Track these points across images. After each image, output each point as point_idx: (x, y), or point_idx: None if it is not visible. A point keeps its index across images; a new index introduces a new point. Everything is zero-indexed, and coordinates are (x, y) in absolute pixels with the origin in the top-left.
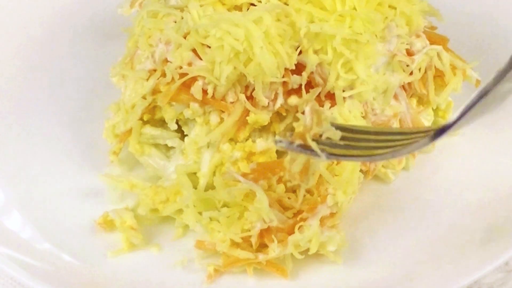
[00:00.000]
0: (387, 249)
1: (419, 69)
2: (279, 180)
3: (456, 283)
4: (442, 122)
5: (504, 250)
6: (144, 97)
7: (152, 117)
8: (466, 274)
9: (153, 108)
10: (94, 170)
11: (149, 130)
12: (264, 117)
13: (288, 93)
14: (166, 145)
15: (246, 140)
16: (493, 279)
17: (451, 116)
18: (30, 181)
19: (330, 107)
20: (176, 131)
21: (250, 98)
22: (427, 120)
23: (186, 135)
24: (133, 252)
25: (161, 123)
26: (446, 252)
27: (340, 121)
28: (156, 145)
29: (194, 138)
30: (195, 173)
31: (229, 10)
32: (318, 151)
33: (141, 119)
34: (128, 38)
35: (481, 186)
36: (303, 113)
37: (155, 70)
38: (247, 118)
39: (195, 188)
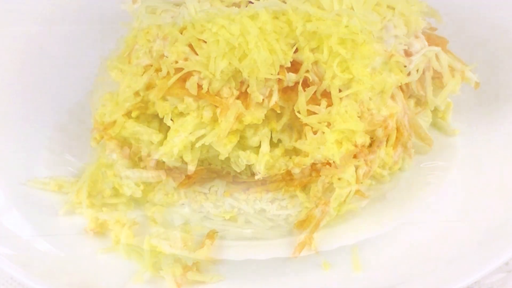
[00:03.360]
0: (386, 250)
1: (417, 70)
2: None
3: (456, 283)
4: (441, 123)
5: (504, 250)
6: (137, 93)
7: (144, 111)
8: (466, 274)
9: (146, 103)
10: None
11: (131, 125)
12: (258, 115)
13: (284, 90)
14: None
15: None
16: (493, 279)
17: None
18: (30, 179)
19: (326, 106)
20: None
21: (245, 94)
22: (425, 121)
23: None
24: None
25: (150, 118)
26: (446, 253)
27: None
28: (137, 139)
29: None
30: None
31: (228, 7)
32: None
33: (129, 115)
34: (127, 32)
35: (480, 186)
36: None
37: (151, 66)
38: (243, 119)
39: None
